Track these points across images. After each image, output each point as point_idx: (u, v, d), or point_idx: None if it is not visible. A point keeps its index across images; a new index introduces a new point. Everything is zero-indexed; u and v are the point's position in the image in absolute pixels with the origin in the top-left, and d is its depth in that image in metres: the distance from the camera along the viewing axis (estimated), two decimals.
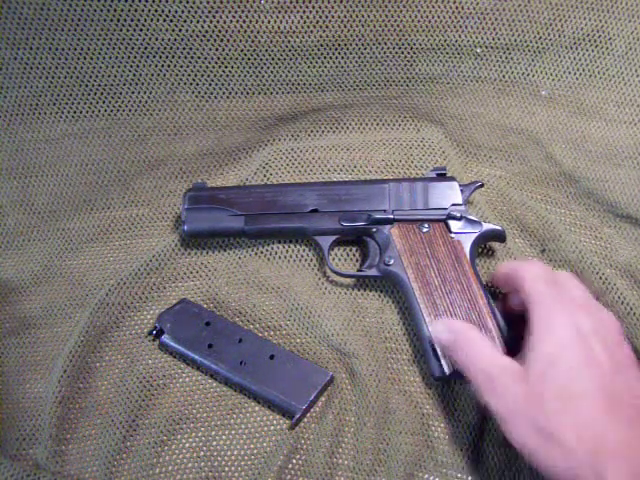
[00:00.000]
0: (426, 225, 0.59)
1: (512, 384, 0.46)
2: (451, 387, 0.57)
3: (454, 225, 0.59)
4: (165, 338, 0.60)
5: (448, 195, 0.60)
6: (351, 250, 0.65)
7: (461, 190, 0.61)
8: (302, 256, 0.64)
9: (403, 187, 0.61)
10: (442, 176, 0.62)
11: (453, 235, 0.58)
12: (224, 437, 0.56)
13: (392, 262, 0.58)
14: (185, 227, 0.62)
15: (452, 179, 0.62)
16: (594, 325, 0.47)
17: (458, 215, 0.59)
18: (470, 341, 0.50)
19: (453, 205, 0.60)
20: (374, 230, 0.60)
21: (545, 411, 0.43)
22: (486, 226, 0.59)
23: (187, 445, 0.56)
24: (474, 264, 0.57)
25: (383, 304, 0.62)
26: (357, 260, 0.65)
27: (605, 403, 0.43)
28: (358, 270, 0.62)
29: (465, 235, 0.58)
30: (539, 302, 0.49)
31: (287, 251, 0.64)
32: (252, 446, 0.56)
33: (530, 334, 0.48)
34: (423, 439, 0.56)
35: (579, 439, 0.42)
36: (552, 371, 0.45)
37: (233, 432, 0.56)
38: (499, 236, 0.60)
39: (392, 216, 0.60)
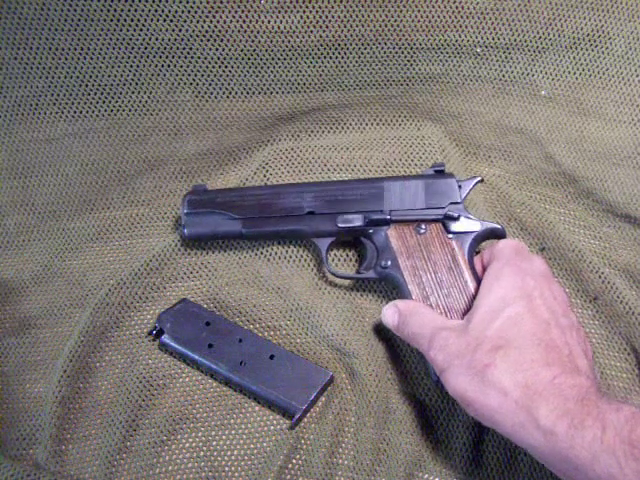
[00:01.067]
0: (423, 226, 0.58)
1: (452, 336, 0.48)
2: None
3: (452, 225, 0.58)
4: (165, 338, 0.60)
5: (446, 194, 0.59)
6: (351, 250, 0.65)
7: (459, 186, 0.59)
8: (302, 256, 0.64)
9: (400, 186, 0.60)
10: (440, 173, 0.61)
11: (451, 236, 0.57)
12: (224, 437, 0.56)
13: (389, 264, 0.57)
14: (185, 231, 0.62)
15: (450, 176, 0.60)
16: (541, 289, 0.49)
17: (456, 215, 0.57)
18: (414, 314, 0.53)
19: (451, 204, 0.58)
20: (371, 231, 0.59)
21: (482, 356, 0.45)
22: (485, 225, 0.58)
23: (187, 445, 0.56)
24: (472, 264, 0.56)
25: (383, 304, 0.62)
26: (357, 261, 0.65)
27: (540, 349, 0.44)
28: (356, 272, 0.62)
29: (463, 235, 0.57)
30: (493, 263, 0.51)
31: (287, 251, 0.64)
32: (252, 446, 0.56)
33: (477, 297, 0.50)
34: (423, 439, 0.56)
35: (513, 382, 0.43)
36: (491, 321, 0.46)
37: (233, 432, 0.56)
38: (499, 234, 0.59)
39: (389, 217, 0.59)
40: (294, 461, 0.54)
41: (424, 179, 0.60)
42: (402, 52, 0.65)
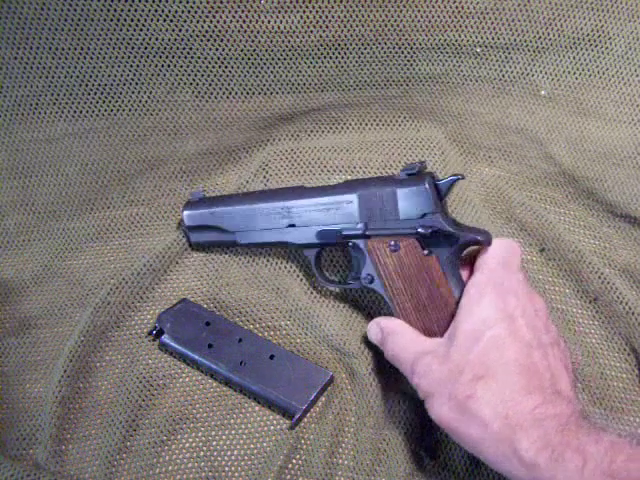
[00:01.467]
0: (393, 242, 0.53)
1: (434, 363, 0.47)
2: None
3: (426, 240, 0.52)
4: (165, 338, 0.60)
5: (418, 203, 0.53)
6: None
7: (437, 186, 0.53)
8: (302, 256, 0.64)
9: (372, 195, 0.55)
10: (413, 177, 0.54)
11: (426, 252, 0.52)
12: (224, 437, 0.56)
13: (370, 281, 0.55)
14: (191, 242, 0.65)
15: (421, 182, 0.53)
16: (523, 307, 0.48)
17: (428, 231, 0.52)
18: (396, 334, 0.52)
19: (425, 215, 0.53)
20: (350, 244, 0.57)
21: (463, 385, 0.44)
22: (464, 237, 0.52)
23: (187, 445, 0.56)
24: (457, 275, 0.52)
25: (383, 303, 0.62)
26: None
27: (521, 377, 0.44)
28: (344, 281, 0.62)
29: (440, 250, 0.52)
30: (476, 276, 0.50)
31: (287, 251, 0.64)
32: (252, 446, 0.56)
33: (457, 313, 0.49)
34: (422, 440, 0.56)
35: (494, 412, 0.42)
36: (472, 345, 0.45)
37: (233, 432, 0.56)
38: (481, 243, 0.52)
39: (363, 231, 0.55)
40: (294, 461, 0.54)
41: (396, 186, 0.54)
42: (402, 52, 0.65)
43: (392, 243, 0.53)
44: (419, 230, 0.52)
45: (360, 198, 0.56)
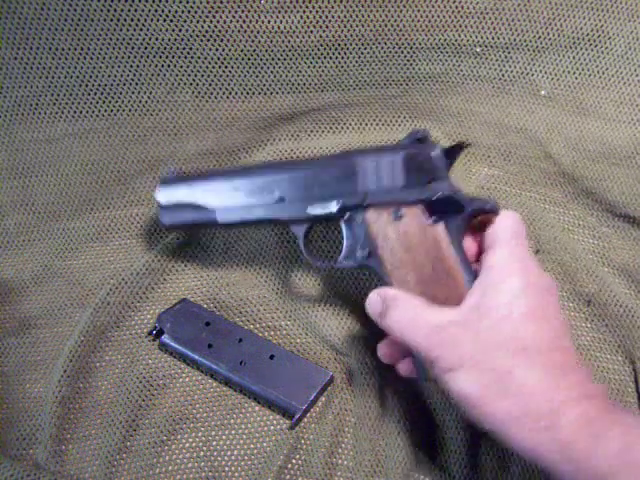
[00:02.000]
0: (399, 210, 0.50)
1: (461, 334, 0.44)
2: None
3: (433, 207, 0.49)
4: (165, 338, 0.60)
5: (427, 168, 0.50)
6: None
7: (445, 155, 0.51)
8: (303, 256, 0.64)
9: (374, 162, 0.52)
10: (420, 142, 0.52)
11: (432, 221, 0.49)
12: (224, 437, 0.56)
13: (368, 254, 0.51)
14: (162, 222, 0.58)
15: (431, 146, 0.51)
16: (546, 281, 0.46)
17: (436, 195, 0.49)
18: (402, 302, 0.47)
19: (433, 181, 0.50)
20: (346, 217, 0.53)
21: (502, 359, 0.42)
22: (473, 205, 0.49)
23: (187, 445, 0.56)
24: (461, 250, 0.49)
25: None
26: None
27: (560, 353, 0.42)
28: (335, 261, 0.55)
29: (447, 218, 0.49)
30: (496, 251, 0.47)
31: (287, 252, 0.64)
32: (252, 446, 0.56)
33: (481, 286, 0.46)
34: (421, 440, 0.56)
35: (538, 386, 0.41)
36: (507, 321, 0.43)
37: (233, 432, 0.56)
38: (489, 212, 0.50)
39: (362, 200, 0.51)
40: (294, 461, 0.54)
41: (401, 152, 0.51)
42: (402, 52, 0.65)
43: (396, 211, 0.50)
44: (426, 196, 0.49)
45: (358, 165, 0.52)
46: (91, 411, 0.57)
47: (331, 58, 0.65)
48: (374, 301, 0.49)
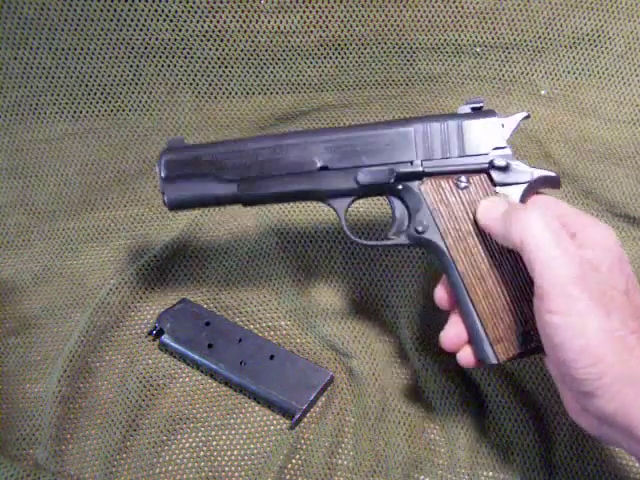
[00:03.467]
0: (464, 179, 0.47)
1: (584, 277, 0.39)
2: (449, 388, 0.57)
3: (498, 176, 0.47)
4: (165, 338, 0.60)
5: (488, 136, 0.48)
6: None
7: (502, 125, 0.48)
8: (302, 256, 0.64)
9: (432, 129, 0.48)
10: (478, 111, 0.49)
11: (498, 189, 0.47)
12: (224, 437, 0.56)
13: (425, 228, 0.47)
14: (165, 199, 0.50)
15: (491, 113, 0.49)
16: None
17: (503, 163, 0.47)
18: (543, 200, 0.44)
19: (495, 149, 0.47)
20: (400, 187, 0.48)
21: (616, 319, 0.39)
22: (537, 173, 0.47)
23: (187, 445, 0.56)
24: None
25: (383, 304, 0.62)
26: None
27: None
28: (384, 237, 0.51)
29: (513, 187, 0.47)
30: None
31: (287, 252, 0.64)
32: (252, 446, 0.56)
33: (586, 241, 0.43)
34: (420, 441, 0.56)
35: None
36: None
37: (233, 432, 0.56)
38: (553, 182, 0.48)
39: (421, 169, 0.48)
40: (294, 461, 0.54)
41: (461, 119, 0.48)
42: (402, 52, 0.65)
43: (462, 179, 0.47)
44: (494, 162, 0.47)
45: (416, 132, 0.48)
46: (91, 411, 0.57)
47: (331, 58, 0.65)
48: (497, 201, 0.45)
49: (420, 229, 0.47)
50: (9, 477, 0.49)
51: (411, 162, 0.48)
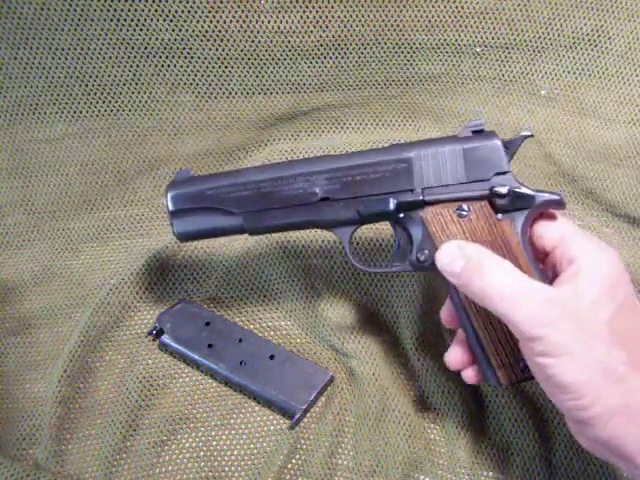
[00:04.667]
0: (465, 207, 0.46)
1: (567, 313, 0.39)
2: (449, 388, 0.57)
3: (500, 202, 0.46)
4: (165, 338, 0.60)
5: (489, 161, 0.47)
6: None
7: (506, 148, 0.47)
8: (302, 256, 0.64)
9: (432, 156, 0.47)
10: (479, 134, 0.48)
11: (500, 216, 0.46)
12: (224, 437, 0.56)
13: (427, 257, 0.47)
14: (174, 231, 0.52)
15: (492, 137, 0.47)
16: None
17: (504, 191, 0.45)
18: (496, 264, 0.42)
19: (497, 174, 0.47)
20: (402, 216, 0.48)
21: (615, 358, 0.39)
22: (540, 198, 0.46)
23: (187, 445, 0.56)
24: (527, 246, 0.46)
25: (383, 304, 0.62)
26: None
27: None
28: (389, 265, 0.51)
29: (515, 213, 0.46)
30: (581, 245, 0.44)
31: (287, 251, 0.64)
32: (252, 446, 0.56)
33: (579, 268, 0.42)
34: (420, 441, 0.55)
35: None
36: (602, 309, 0.40)
37: (233, 432, 0.56)
38: (557, 204, 0.46)
39: (421, 197, 0.47)
40: (294, 461, 0.54)
41: (461, 144, 0.48)
42: (402, 52, 0.65)
43: (463, 207, 0.46)
44: (496, 190, 0.46)
45: (416, 159, 0.48)
46: (91, 411, 0.57)
47: (331, 58, 0.65)
48: (454, 255, 0.43)
49: (422, 258, 0.48)
50: (9, 477, 0.49)
51: (411, 190, 0.48)
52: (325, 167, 0.49)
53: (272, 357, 0.58)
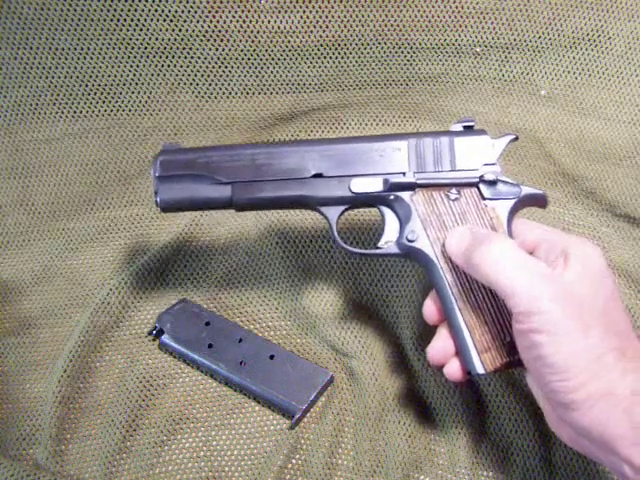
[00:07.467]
0: (454, 191, 0.49)
1: (563, 295, 0.40)
2: (449, 388, 0.57)
3: (488, 190, 0.49)
4: (165, 338, 0.60)
5: (479, 153, 0.50)
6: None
7: (492, 146, 0.50)
8: (302, 256, 0.64)
9: (425, 144, 0.50)
10: (470, 129, 0.52)
11: (487, 202, 0.49)
12: (224, 437, 0.56)
13: (415, 237, 0.48)
14: (158, 199, 0.50)
15: (482, 132, 0.51)
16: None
17: (492, 177, 0.48)
18: (501, 239, 0.44)
19: (485, 165, 0.49)
20: (392, 198, 0.50)
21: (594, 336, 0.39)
22: (525, 190, 0.49)
23: (187, 445, 0.56)
24: (511, 235, 0.48)
25: (383, 304, 0.62)
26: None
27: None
28: (373, 246, 0.52)
29: (501, 202, 0.49)
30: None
31: (286, 251, 0.64)
32: (252, 446, 0.56)
33: (571, 257, 0.43)
34: (420, 441, 0.56)
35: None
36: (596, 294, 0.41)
37: (233, 432, 0.56)
38: (539, 201, 0.50)
39: (414, 180, 0.49)
40: (294, 461, 0.54)
41: (453, 136, 0.51)
42: (402, 52, 0.65)
43: (453, 191, 0.49)
44: (485, 177, 0.49)
45: (410, 146, 0.50)
46: (91, 411, 0.57)
47: (331, 58, 0.65)
48: (464, 233, 0.46)
49: (410, 237, 0.49)
50: (9, 477, 0.49)
51: (404, 173, 0.50)
52: (321, 146, 0.51)
53: (272, 357, 0.58)
